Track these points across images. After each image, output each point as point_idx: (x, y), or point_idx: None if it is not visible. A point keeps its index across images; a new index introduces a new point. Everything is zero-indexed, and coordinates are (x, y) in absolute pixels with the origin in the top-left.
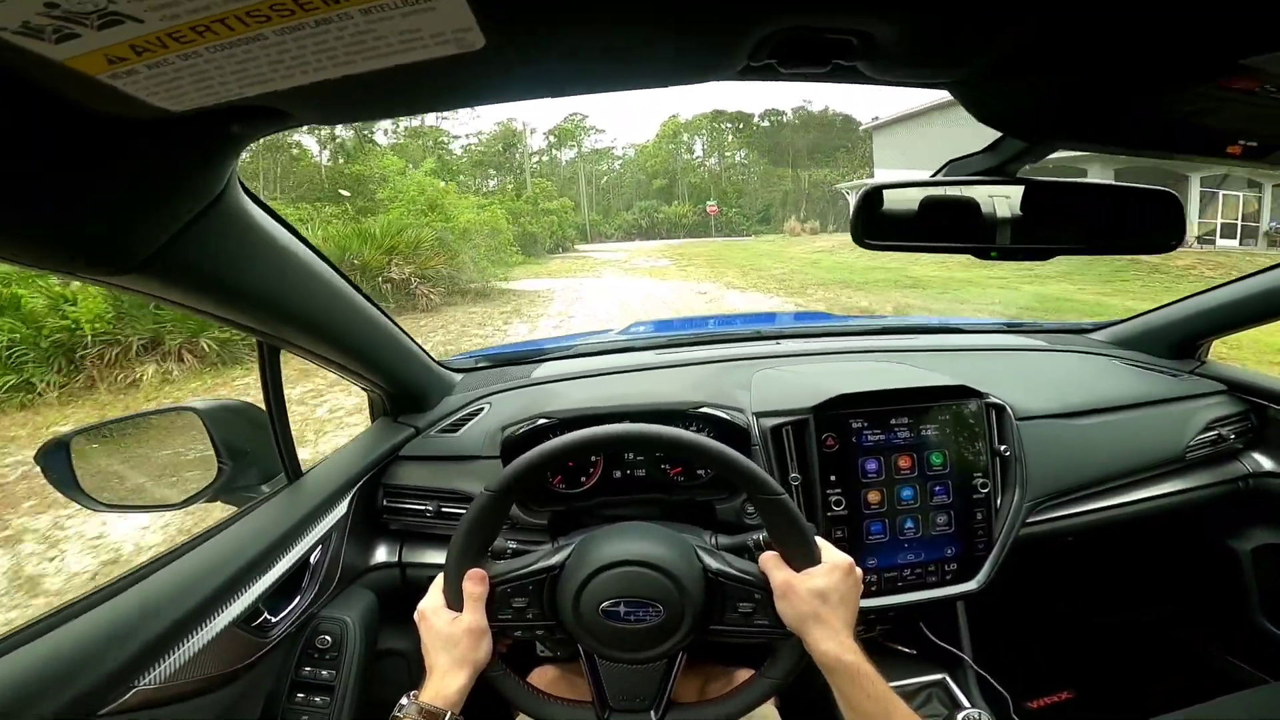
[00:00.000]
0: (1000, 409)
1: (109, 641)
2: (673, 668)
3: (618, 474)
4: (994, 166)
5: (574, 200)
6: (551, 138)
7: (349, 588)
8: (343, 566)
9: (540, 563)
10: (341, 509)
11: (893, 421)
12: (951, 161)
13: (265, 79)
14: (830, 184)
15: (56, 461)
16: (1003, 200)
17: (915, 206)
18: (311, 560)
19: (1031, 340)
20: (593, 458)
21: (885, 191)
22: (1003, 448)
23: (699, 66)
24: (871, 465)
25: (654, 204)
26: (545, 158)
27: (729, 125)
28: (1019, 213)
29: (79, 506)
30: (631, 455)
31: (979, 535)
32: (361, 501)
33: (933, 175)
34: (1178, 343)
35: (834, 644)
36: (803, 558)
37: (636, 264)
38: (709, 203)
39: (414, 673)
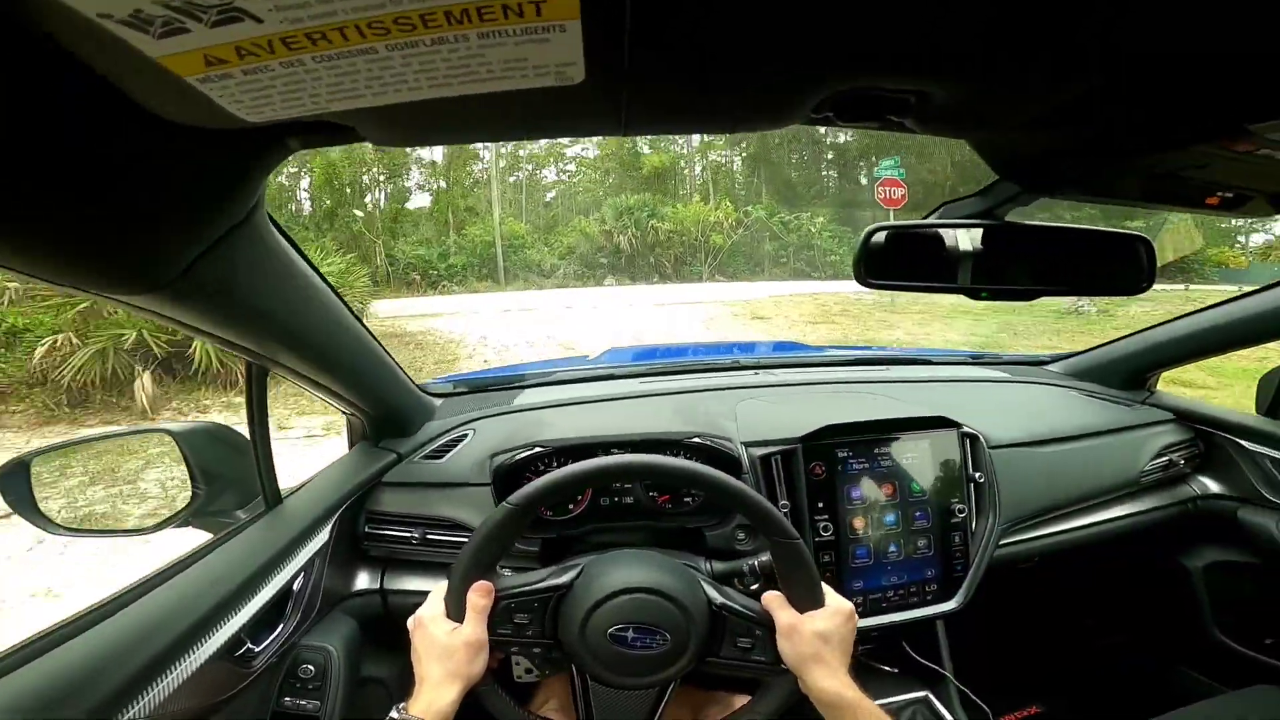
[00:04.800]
0: (974, 438)
1: (87, 678)
2: (664, 696)
3: (605, 501)
4: (984, 210)
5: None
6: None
7: (330, 615)
8: (324, 594)
9: (548, 581)
10: (324, 535)
11: (876, 450)
12: (946, 203)
13: (357, 94)
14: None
15: (15, 483)
16: (991, 243)
17: (913, 248)
18: (295, 588)
19: (995, 372)
20: (591, 486)
21: (885, 233)
22: (977, 475)
23: (766, 117)
24: (856, 492)
25: (647, 200)
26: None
27: None
28: (1006, 256)
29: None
30: (620, 484)
31: (956, 557)
32: (343, 528)
33: (925, 217)
34: (1129, 375)
35: (835, 682)
36: (809, 600)
37: None
38: (887, 169)
39: (395, 700)
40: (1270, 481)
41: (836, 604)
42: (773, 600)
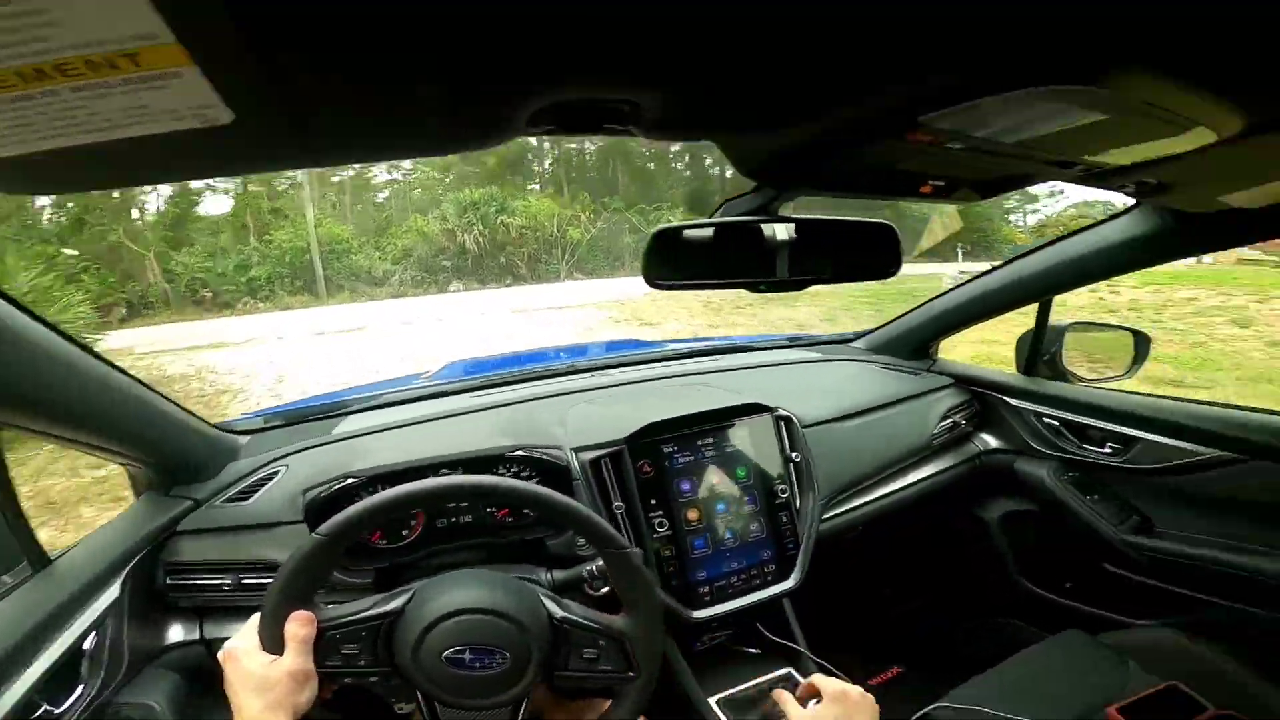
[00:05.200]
0: (788, 420)
1: None
2: (518, 714)
3: (442, 523)
4: (759, 206)
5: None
6: None
7: (147, 671)
8: (131, 650)
9: (375, 609)
10: (113, 591)
11: (699, 442)
12: (726, 201)
13: None
14: None
15: None
16: (765, 237)
17: (697, 247)
18: (86, 647)
19: (809, 353)
20: (413, 510)
21: (670, 233)
22: (794, 455)
23: (472, 136)
24: (685, 485)
25: (494, 194)
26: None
27: None
28: (779, 248)
29: None
30: (454, 503)
31: (787, 536)
32: (138, 583)
33: (709, 216)
34: (917, 344)
35: None
36: (647, 605)
37: None
38: None
39: None
40: (1036, 434)
41: (830, 691)
42: (783, 698)
